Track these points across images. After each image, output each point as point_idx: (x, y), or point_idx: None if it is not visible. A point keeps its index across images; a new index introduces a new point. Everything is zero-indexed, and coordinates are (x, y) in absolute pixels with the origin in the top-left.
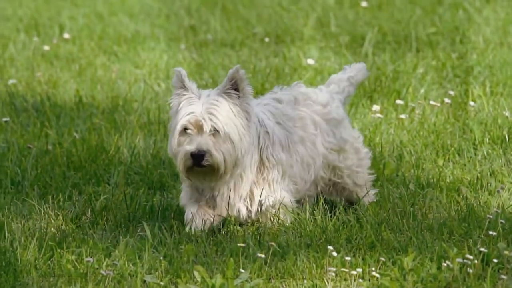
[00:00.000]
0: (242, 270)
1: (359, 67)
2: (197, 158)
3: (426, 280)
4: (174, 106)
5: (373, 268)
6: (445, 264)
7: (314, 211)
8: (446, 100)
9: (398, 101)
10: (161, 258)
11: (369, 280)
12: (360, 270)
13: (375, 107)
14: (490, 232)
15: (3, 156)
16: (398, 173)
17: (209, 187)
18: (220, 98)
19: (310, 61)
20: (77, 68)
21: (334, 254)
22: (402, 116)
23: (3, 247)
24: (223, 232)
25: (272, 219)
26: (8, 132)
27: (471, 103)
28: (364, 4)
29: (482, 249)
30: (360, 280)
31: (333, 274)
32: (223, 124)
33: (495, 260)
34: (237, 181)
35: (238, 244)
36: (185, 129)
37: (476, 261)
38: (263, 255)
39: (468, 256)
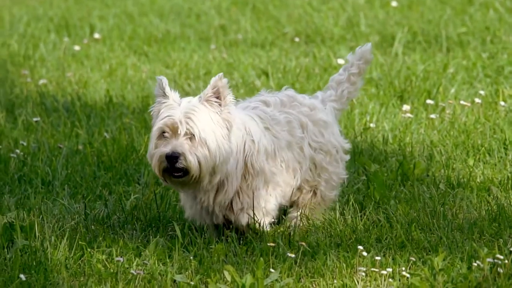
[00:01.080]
0: (272, 270)
1: (362, 53)
2: (171, 160)
3: (456, 280)
4: (155, 113)
5: (403, 268)
6: (475, 264)
7: (344, 211)
8: (477, 100)
9: (429, 101)
10: (191, 257)
11: (399, 280)
12: (390, 269)
13: (406, 107)
14: None
15: (34, 156)
16: (428, 173)
17: (200, 192)
18: (200, 105)
19: (340, 61)
20: (108, 68)
21: (364, 253)
22: (432, 116)
23: (34, 246)
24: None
25: (300, 219)
26: (39, 132)
27: (502, 103)
28: (394, 4)
29: None
30: (390, 279)
31: (363, 273)
32: (200, 129)
33: None
34: (220, 189)
35: (268, 244)
36: (162, 133)
37: (506, 261)
38: (293, 255)
39: (498, 256)
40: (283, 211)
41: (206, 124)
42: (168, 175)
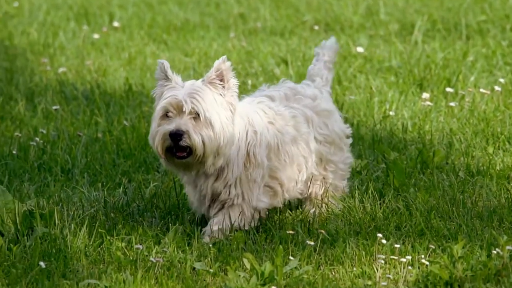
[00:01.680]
0: (291, 258)
1: (330, 45)
2: (175, 138)
3: (476, 268)
4: (157, 96)
5: (423, 256)
6: (495, 252)
7: (364, 199)
8: (496, 87)
9: (448, 89)
10: (211, 245)
11: (419, 267)
12: (409, 257)
13: (425, 95)
14: None
15: (54, 144)
16: (448, 160)
17: (193, 182)
18: (204, 86)
19: (360, 49)
20: (127, 56)
21: (384, 241)
22: (452, 104)
23: (54, 234)
24: (273, 219)
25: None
26: (59, 120)
27: None
28: None
29: None
30: (410, 267)
31: (383, 261)
32: (204, 108)
33: None
34: (220, 175)
35: (288, 232)
36: (166, 113)
37: None
38: (312, 243)
39: None
40: (298, 203)
41: (210, 104)
42: (171, 156)
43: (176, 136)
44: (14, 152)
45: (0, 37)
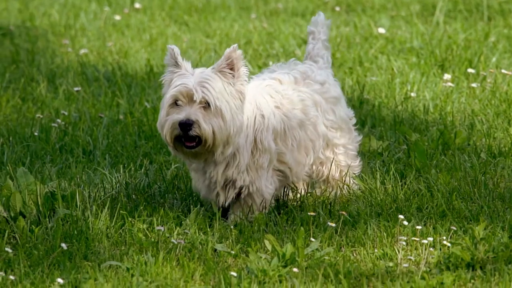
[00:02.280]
0: (312, 239)
1: (321, 22)
2: (185, 127)
3: (497, 249)
4: (166, 82)
5: (444, 237)
6: None
7: (385, 180)
8: None
9: (470, 70)
10: (232, 227)
11: (440, 249)
12: (431, 239)
13: (446, 76)
14: None
15: (75, 125)
16: (469, 142)
17: (202, 170)
18: (214, 75)
19: (381, 30)
20: (148, 38)
21: (405, 223)
22: (474, 85)
23: (75, 215)
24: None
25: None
26: (80, 102)
27: None
28: None
29: None
30: (431, 249)
31: (404, 243)
32: (214, 97)
33: None
34: (230, 162)
35: (309, 213)
36: (175, 102)
37: None
38: (333, 224)
39: None
40: (312, 184)
41: (220, 93)
42: (180, 145)
43: (185, 125)
44: (35, 133)
45: (21, 19)
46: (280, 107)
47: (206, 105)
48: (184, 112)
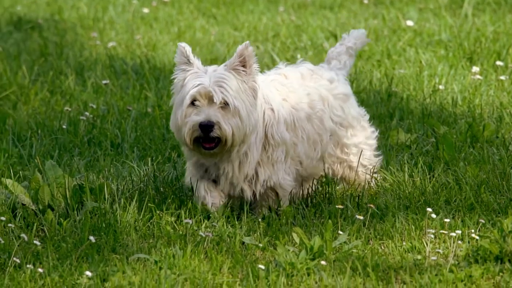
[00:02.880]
0: (340, 232)
1: (358, 35)
2: (206, 129)
3: None
4: (179, 81)
5: (472, 230)
6: None
7: (413, 173)
8: None
9: (498, 63)
10: (260, 220)
11: (469, 242)
12: (459, 232)
13: (475, 69)
14: None
15: (103, 118)
16: (497, 134)
17: (214, 165)
18: (228, 73)
19: (409, 23)
20: (176, 30)
21: (433, 216)
22: (502, 77)
23: (103, 208)
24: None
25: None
26: (108, 95)
27: None
28: None
29: None
30: (459, 242)
31: (432, 236)
32: (233, 97)
33: None
34: (243, 160)
35: (337, 206)
36: (193, 102)
37: None
38: (361, 217)
39: None
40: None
41: (237, 92)
42: (197, 146)
43: (207, 127)
44: (64, 126)
45: (50, 12)
46: (287, 100)
47: (224, 105)
48: (203, 114)
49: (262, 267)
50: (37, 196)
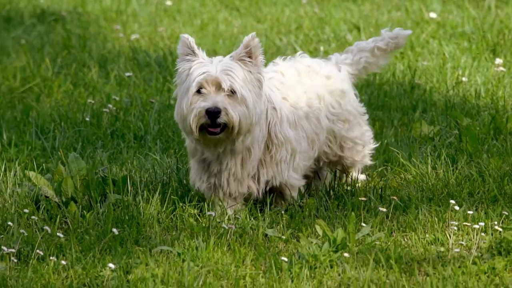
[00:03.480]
0: (363, 224)
1: (395, 35)
2: (213, 115)
3: None
4: (184, 70)
5: (496, 222)
6: None
7: (436, 165)
8: None
9: None
10: (283, 212)
11: (492, 234)
12: (482, 224)
13: (498, 61)
14: None
15: (126, 110)
16: None
17: (216, 159)
18: (235, 63)
19: (433, 15)
20: (199, 23)
21: (456, 208)
22: None
23: (126, 201)
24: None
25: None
26: (131, 87)
27: None
28: None
29: None
30: (483, 234)
31: (455, 228)
32: (240, 86)
33: None
34: (245, 156)
35: (360, 198)
36: (199, 90)
37: None
38: (384, 209)
39: None
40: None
41: (244, 81)
42: (203, 133)
43: (214, 113)
44: (87, 119)
45: (73, 4)
46: (287, 98)
47: (231, 93)
48: (210, 100)
49: (285, 259)
50: (60, 189)
